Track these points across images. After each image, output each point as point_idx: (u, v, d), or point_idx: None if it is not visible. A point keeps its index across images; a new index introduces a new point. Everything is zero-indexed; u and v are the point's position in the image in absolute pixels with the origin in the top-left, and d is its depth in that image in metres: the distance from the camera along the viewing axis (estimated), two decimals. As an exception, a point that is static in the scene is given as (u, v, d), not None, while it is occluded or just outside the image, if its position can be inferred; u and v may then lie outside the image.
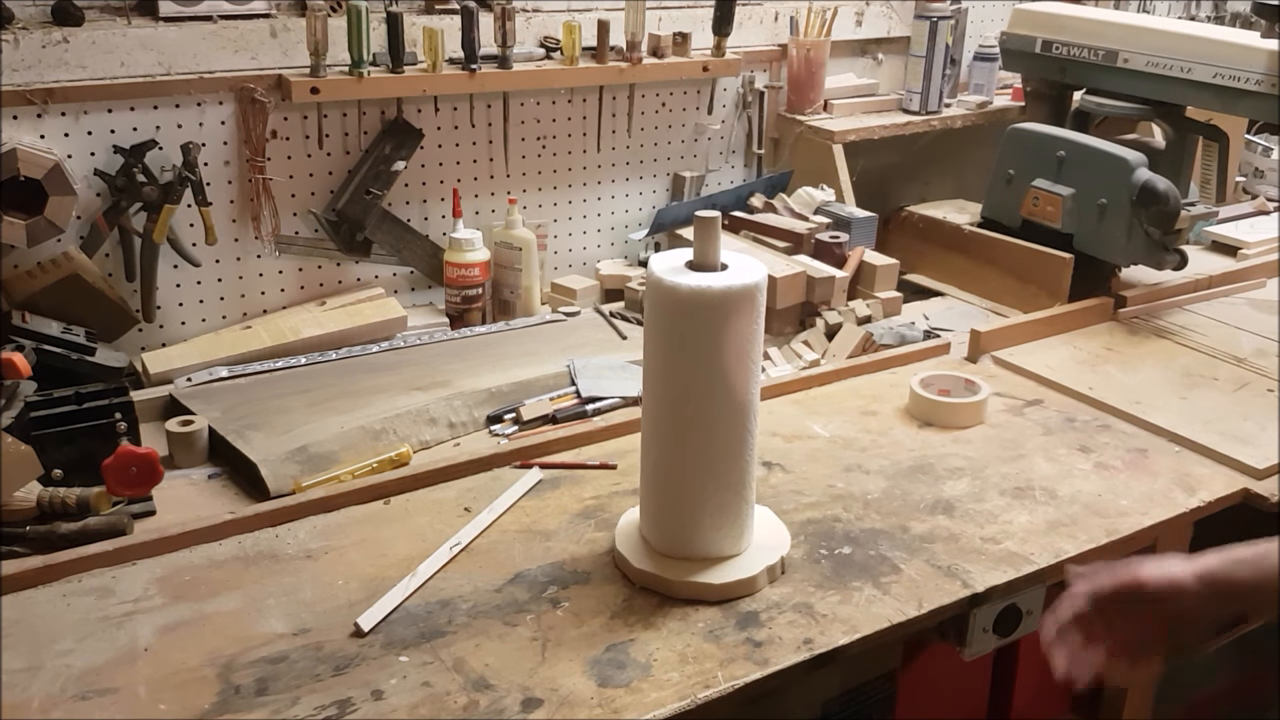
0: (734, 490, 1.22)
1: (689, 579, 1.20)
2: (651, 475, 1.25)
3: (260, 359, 1.76)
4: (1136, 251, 1.98)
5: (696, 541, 1.22)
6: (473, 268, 1.95)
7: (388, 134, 1.93)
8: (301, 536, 1.29)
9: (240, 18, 1.77)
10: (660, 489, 1.24)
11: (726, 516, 1.22)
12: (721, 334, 1.15)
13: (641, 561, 1.22)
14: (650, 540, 1.25)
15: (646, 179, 2.28)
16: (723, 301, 1.14)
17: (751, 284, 1.16)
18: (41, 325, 1.60)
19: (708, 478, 1.20)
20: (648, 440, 1.24)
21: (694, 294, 1.14)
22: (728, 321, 1.15)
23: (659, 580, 1.21)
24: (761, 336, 1.20)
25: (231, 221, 1.85)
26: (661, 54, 2.12)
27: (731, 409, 1.18)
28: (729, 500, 1.22)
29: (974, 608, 1.23)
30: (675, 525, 1.23)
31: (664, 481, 1.23)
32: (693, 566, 1.21)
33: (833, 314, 1.95)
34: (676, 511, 1.23)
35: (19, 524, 1.28)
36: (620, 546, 1.26)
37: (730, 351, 1.16)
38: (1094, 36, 2.16)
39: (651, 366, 1.21)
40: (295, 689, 1.04)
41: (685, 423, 1.19)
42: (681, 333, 1.16)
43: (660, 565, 1.22)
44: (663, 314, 1.17)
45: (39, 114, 1.64)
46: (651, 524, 1.25)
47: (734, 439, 1.19)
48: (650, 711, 1.02)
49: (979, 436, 1.58)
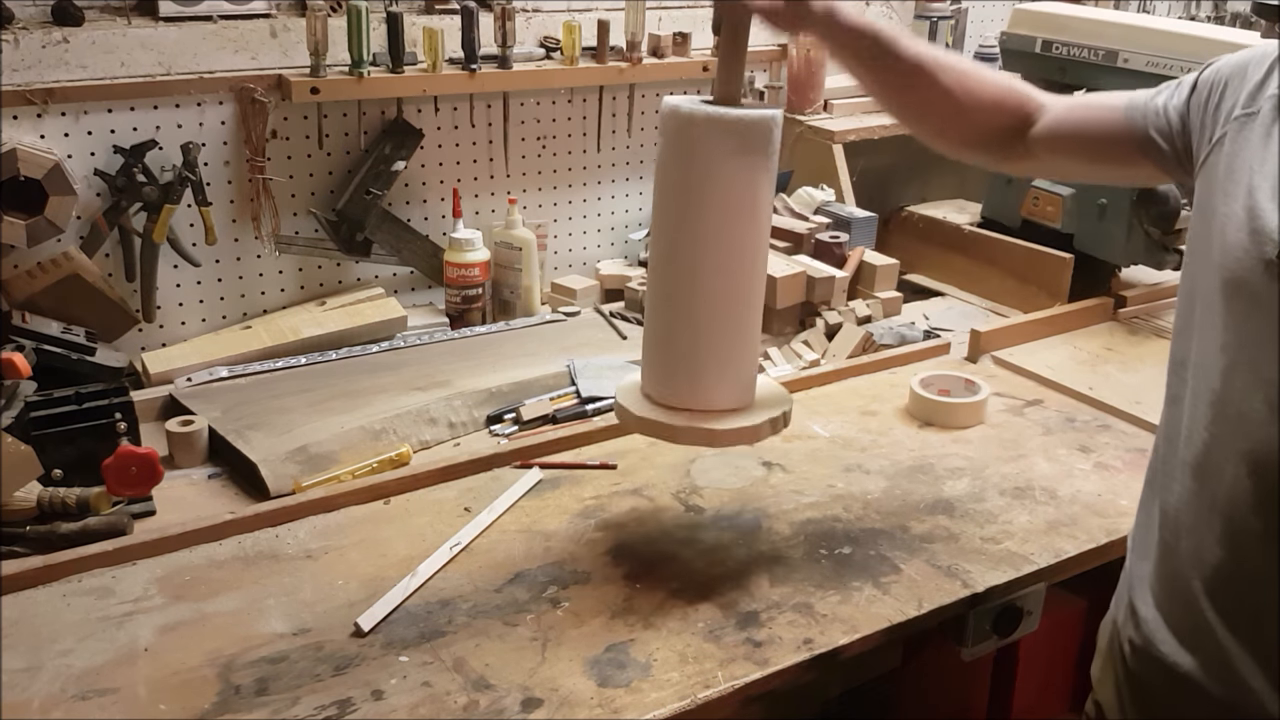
0: (740, 339, 1.19)
1: (692, 425, 1.19)
2: (656, 323, 1.22)
3: (260, 359, 1.76)
4: (1136, 251, 1.98)
5: (700, 390, 1.20)
6: (473, 268, 1.95)
7: (388, 134, 1.93)
8: (301, 536, 1.29)
9: (240, 18, 1.77)
10: (665, 336, 1.21)
11: (731, 366, 1.20)
12: (734, 166, 1.13)
13: (644, 412, 1.21)
14: (653, 394, 1.23)
15: (646, 179, 2.28)
16: (737, 129, 1.12)
17: (767, 116, 1.15)
18: (41, 325, 1.60)
19: (713, 324, 1.17)
20: (654, 287, 1.22)
21: (709, 121, 1.12)
22: (741, 153, 1.13)
23: (661, 428, 1.20)
24: (774, 178, 1.18)
25: (231, 221, 1.85)
26: (661, 54, 2.12)
27: (740, 253, 1.16)
28: (734, 349, 1.20)
29: (974, 608, 1.23)
30: (679, 373, 1.20)
31: (669, 328, 1.21)
32: (695, 417, 1.20)
33: (833, 314, 1.95)
34: (681, 358, 1.20)
35: (19, 524, 1.28)
36: (621, 401, 1.24)
37: (742, 188, 1.14)
38: (1094, 36, 2.16)
39: (660, 207, 1.19)
40: (295, 689, 1.04)
41: (692, 266, 1.17)
42: (692, 167, 1.14)
43: (663, 415, 1.21)
44: (675, 147, 1.15)
45: (39, 114, 1.64)
46: (654, 375, 1.23)
47: (741, 284, 1.18)
48: (650, 711, 1.02)
49: (979, 436, 1.58)
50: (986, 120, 1.22)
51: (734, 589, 1.21)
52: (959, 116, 1.22)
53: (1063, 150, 1.21)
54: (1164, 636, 0.98)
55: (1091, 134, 1.18)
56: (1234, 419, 0.91)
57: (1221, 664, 0.92)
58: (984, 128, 1.22)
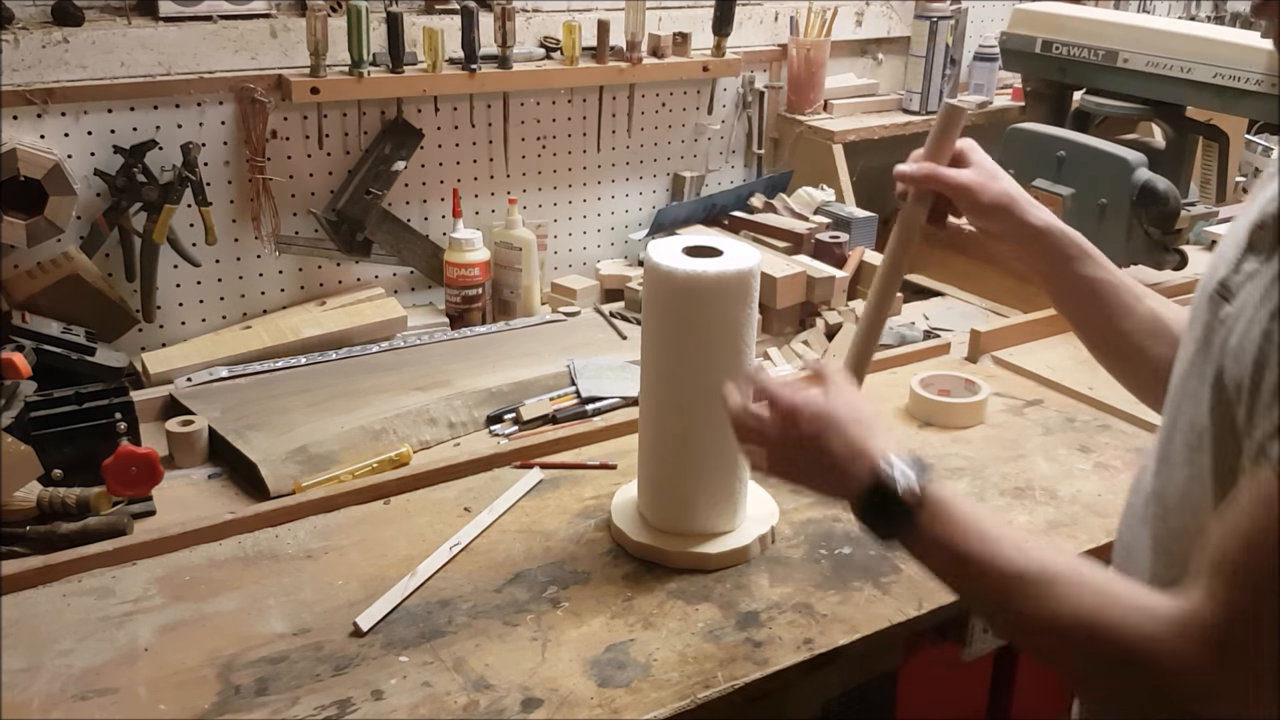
0: (727, 470, 1.26)
1: (687, 550, 1.25)
2: (649, 455, 1.29)
3: (260, 359, 1.76)
4: (1136, 251, 1.98)
5: (692, 518, 1.27)
6: (473, 268, 1.95)
7: (388, 134, 1.93)
8: (301, 536, 1.29)
9: (240, 18, 1.77)
10: (658, 469, 1.28)
11: (720, 495, 1.27)
12: (714, 318, 1.20)
13: (640, 536, 1.27)
14: (648, 517, 1.29)
15: (646, 179, 2.28)
16: (716, 287, 1.18)
17: (745, 270, 1.19)
18: (41, 325, 1.60)
19: (702, 459, 1.24)
20: (645, 421, 1.29)
21: (689, 279, 1.18)
22: (721, 306, 1.19)
23: (657, 552, 1.25)
24: (755, 320, 1.24)
25: (231, 221, 1.85)
26: (661, 54, 2.12)
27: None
28: (723, 480, 1.26)
29: (974, 608, 1.23)
30: (672, 503, 1.28)
31: (661, 462, 1.28)
32: (689, 540, 1.26)
33: (833, 314, 1.95)
34: (673, 490, 1.27)
35: (19, 524, 1.28)
36: (618, 522, 1.30)
37: (723, 336, 1.20)
38: (1094, 36, 2.16)
39: (649, 349, 1.25)
40: (295, 689, 1.04)
41: (679, 406, 1.23)
42: (677, 317, 1.21)
43: (658, 539, 1.26)
44: (659, 299, 1.22)
45: (39, 114, 1.64)
46: (649, 502, 1.30)
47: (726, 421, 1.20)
48: (650, 711, 1.02)
49: (979, 436, 1.58)
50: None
51: (734, 589, 1.21)
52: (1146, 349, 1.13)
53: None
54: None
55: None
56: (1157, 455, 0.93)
57: None
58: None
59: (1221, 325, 0.83)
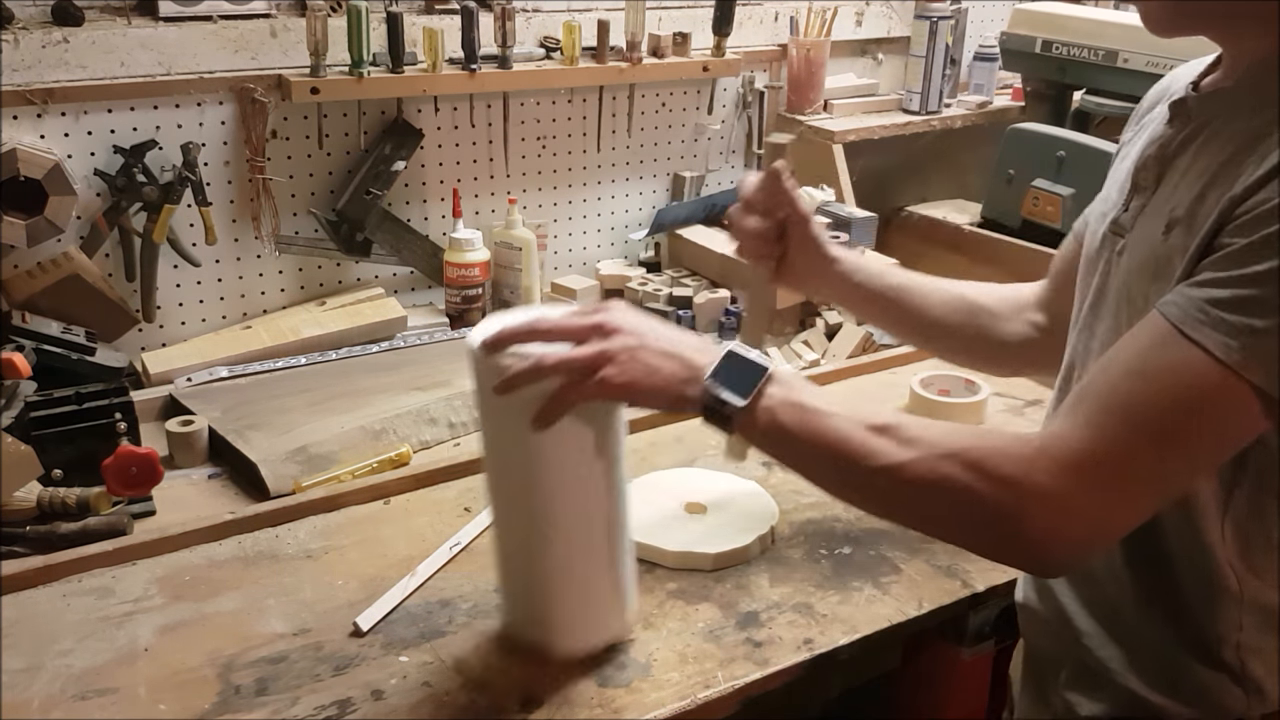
0: (588, 584, 1.07)
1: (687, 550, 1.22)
2: (504, 568, 1.11)
3: (260, 359, 1.76)
4: (1136, 251, 1.98)
5: (557, 634, 1.08)
6: (473, 268, 1.95)
7: (388, 134, 1.93)
8: (301, 536, 1.29)
9: (240, 18, 1.77)
10: (515, 584, 1.10)
11: (588, 606, 1.08)
12: (565, 426, 0.95)
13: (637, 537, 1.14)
14: (511, 631, 1.11)
15: (646, 179, 2.28)
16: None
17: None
18: (41, 325, 1.60)
19: (562, 571, 1.04)
20: (495, 531, 1.10)
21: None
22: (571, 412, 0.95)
23: (656, 552, 1.23)
24: (622, 421, 1.01)
25: (231, 221, 1.85)
26: (661, 54, 2.12)
27: (581, 509, 1.02)
28: (584, 595, 1.07)
29: (974, 608, 1.23)
30: (531, 623, 1.09)
31: (514, 577, 1.09)
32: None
33: (833, 314, 1.95)
34: (530, 609, 1.09)
35: (19, 524, 1.28)
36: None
37: (578, 448, 0.98)
38: (1094, 36, 2.16)
39: (489, 457, 1.05)
40: (295, 689, 1.04)
41: (529, 524, 1.02)
42: (520, 415, 0.94)
43: (656, 538, 1.23)
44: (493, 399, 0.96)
45: (39, 114, 1.64)
46: (511, 613, 1.12)
47: (589, 540, 1.04)
48: (650, 711, 1.02)
49: (979, 436, 1.58)
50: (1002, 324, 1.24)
51: (734, 589, 1.21)
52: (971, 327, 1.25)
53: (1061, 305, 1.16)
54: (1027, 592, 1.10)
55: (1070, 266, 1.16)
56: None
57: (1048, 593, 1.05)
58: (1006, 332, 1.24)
59: (1119, 257, 0.94)
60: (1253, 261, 0.77)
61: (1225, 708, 0.93)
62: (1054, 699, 1.05)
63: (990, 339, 1.24)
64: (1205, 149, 0.88)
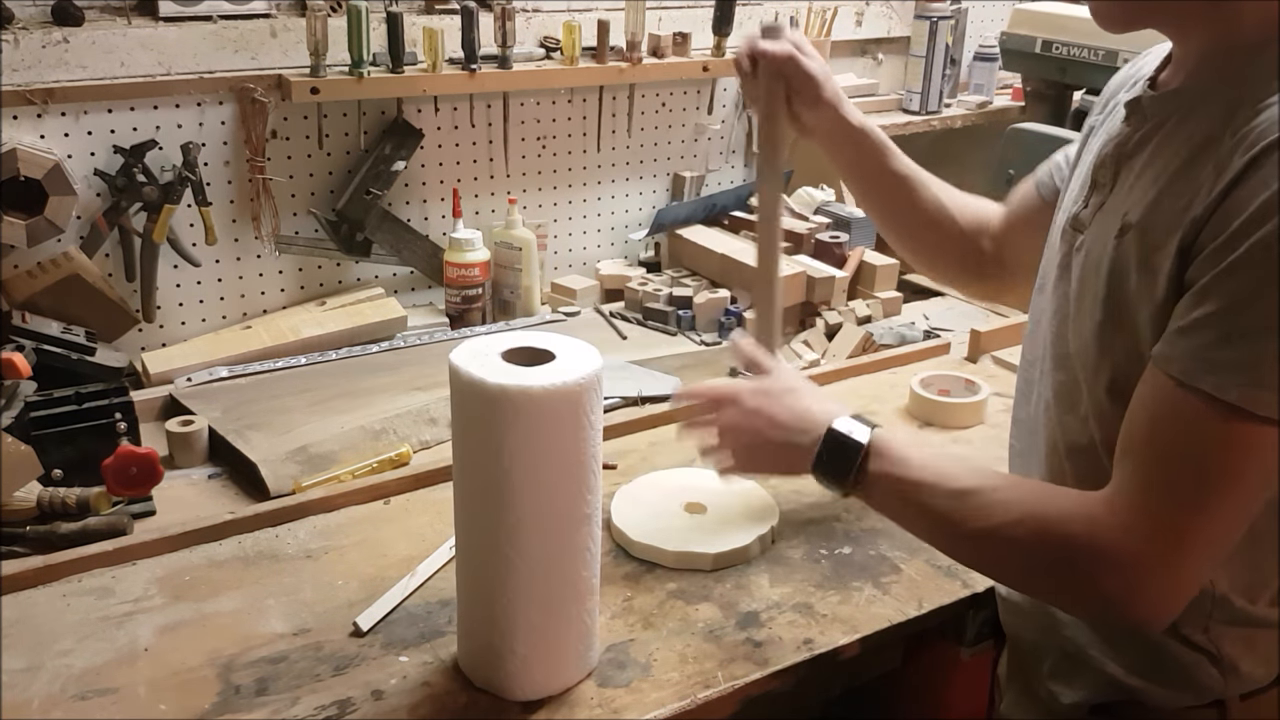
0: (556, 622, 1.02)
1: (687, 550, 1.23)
2: (465, 600, 1.06)
3: (260, 359, 1.76)
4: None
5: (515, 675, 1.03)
6: (473, 268, 1.95)
7: (388, 134, 1.93)
8: (301, 536, 1.29)
9: (240, 18, 1.77)
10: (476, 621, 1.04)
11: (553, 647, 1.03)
12: (540, 444, 0.94)
13: (638, 538, 1.24)
14: (467, 673, 1.06)
15: (646, 179, 2.28)
16: (541, 404, 0.93)
17: (575, 384, 0.94)
18: (41, 325, 1.60)
19: (528, 609, 1.00)
20: (459, 557, 1.06)
21: (503, 394, 0.92)
22: (546, 429, 0.94)
23: (656, 552, 1.23)
24: (597, 439, 0.99)
25: (231, 221, 1.85)
26: (661, 54, 2.12)
27: (553, 532, 0.98)
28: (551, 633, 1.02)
29: (974, 608, 1.23)
30: (492, 660, 1.03)
31: (476, 612, 1.04)
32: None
33: (833, 314, 1.95)
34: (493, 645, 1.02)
35: (19, 524, 1.28)
36: (617, 523, 1.27)
37: (553, 465, 0.95)
38: (1094, 36, 2.16)
39: (461, 476, 1.01)
40: (295, 689, 1.04)
41: (494, 548, 0.99)
42: (490, 439, 0.94)
43: (655, 539, 1.24)
44: (469, 415, 0.96)
45: (39, 114, 1.64)
46: (467, 655, 1.07)
47: (561, 564, 1.00)
48: (650, 711, 1.02)
49: (979, 437, 1.58)
50: (964, 239, 1.30)
51: (734, 589, 1.21)
52: (937, 229, 1.29)
53: (1016, 244, 1.25)
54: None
55: (1025, 213, 1.25)
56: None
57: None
58: (962, 245, 1.30)
59: (1078, 253, 0.97)
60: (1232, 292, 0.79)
61: (1204, 688, 0.96)
62: (1039, 690, 1.08)
63: (949, 251, 1.31)
64: (1160, 152, 0.90)
